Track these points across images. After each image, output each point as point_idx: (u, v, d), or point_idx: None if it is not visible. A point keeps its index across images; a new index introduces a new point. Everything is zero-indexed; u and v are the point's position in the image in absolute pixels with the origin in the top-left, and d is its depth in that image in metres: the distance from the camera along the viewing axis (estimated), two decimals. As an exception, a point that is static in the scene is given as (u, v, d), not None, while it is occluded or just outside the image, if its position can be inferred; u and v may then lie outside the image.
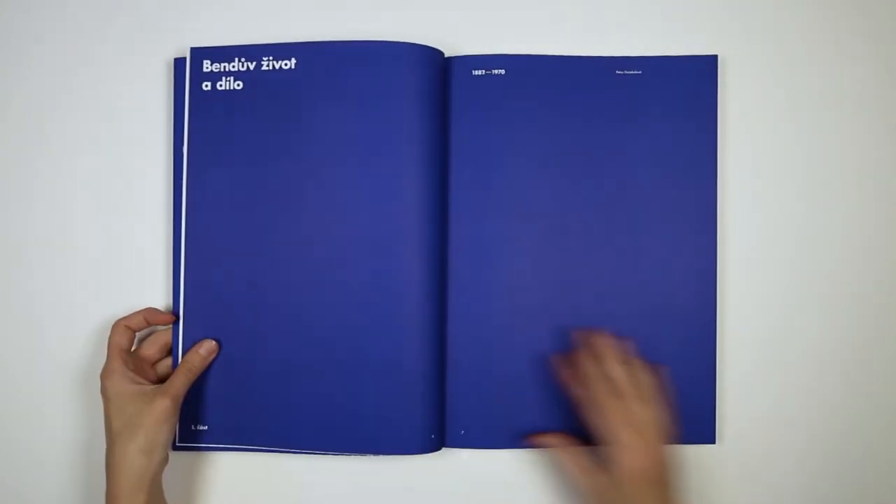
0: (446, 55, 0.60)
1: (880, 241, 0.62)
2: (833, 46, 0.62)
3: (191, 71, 0.59)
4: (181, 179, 0.59)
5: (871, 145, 0.62)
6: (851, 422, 0.62)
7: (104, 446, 0.54)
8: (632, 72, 0.61)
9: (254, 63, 0.59)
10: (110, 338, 0.56)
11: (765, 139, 0.62)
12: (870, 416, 0.62)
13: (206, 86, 0.59)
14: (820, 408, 0.62)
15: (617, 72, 0.61)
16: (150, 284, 0.60)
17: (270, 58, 0.59)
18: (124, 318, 0.57)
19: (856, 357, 0.62)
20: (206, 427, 0.59)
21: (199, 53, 0.59)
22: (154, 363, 0.59)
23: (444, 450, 0.59)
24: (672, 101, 0.61)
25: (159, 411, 0.53)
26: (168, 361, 0.59)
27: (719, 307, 0.61)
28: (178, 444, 0.59)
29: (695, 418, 0.60)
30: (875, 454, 0.62)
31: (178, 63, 0.60)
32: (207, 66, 0.59)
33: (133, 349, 0.58)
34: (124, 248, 0.61)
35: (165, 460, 0.54)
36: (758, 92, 0.62)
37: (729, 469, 0.61)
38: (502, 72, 0.60)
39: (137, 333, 0.58)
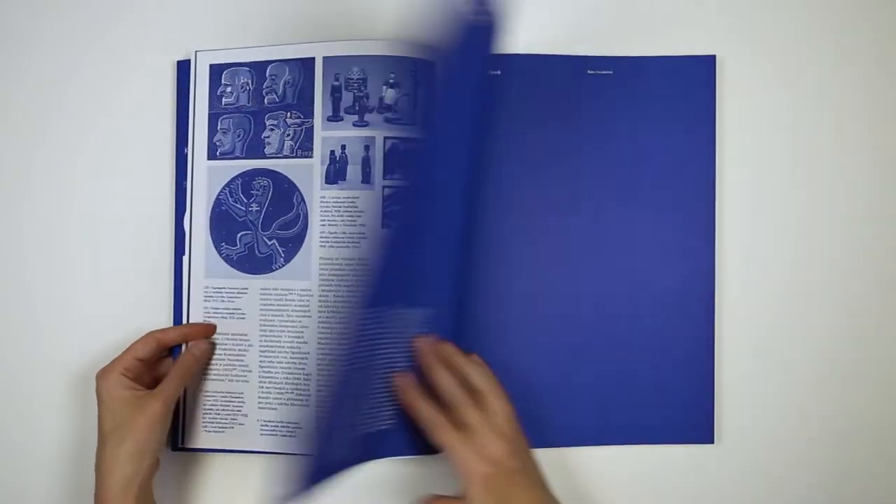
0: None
1: (880, 240, 0.62)
2: (833, 46, 0.62)
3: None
4: (184, 179, 0.59)
5: (870, 145, 0.62)
6: (851, 421, 0.61)
7: (96, 447, 0.54)
8: (632, 72, 0.61)
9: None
10: (134, 343, 0.56)
11: (764, 139, 0.62)
12: (869, 416, 0.61)
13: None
14: (819, 407, 0.61)
15: (617, 72, 0.61)
16: (151, 285, 0.61)
17: None
18: (159, 330, 0.57)
19: (855, 356, 0.62)
20: None
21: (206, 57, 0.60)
22: (153, 365, 0.57)
23: None
24: (671, 101, 0.61)
25: (150, 415, 0.53)
26: (168, 362, 0.58)
27: (718, 307, 0.61)
28: (179, 446, 0.59)
29: (694, 418, 0.60)
30: (875, 454, 0.61)
31: (182, 65, 0.60)
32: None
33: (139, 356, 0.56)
34: (125, 250, 0.61)
35: (156, 465, 0.54)
36: (757, 92, 0.62)
37: (728, 469, 0.61)
38: (498, 73, 0.61)
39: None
